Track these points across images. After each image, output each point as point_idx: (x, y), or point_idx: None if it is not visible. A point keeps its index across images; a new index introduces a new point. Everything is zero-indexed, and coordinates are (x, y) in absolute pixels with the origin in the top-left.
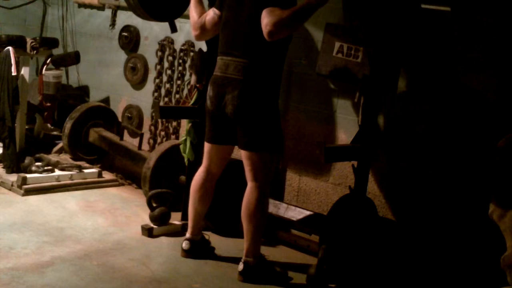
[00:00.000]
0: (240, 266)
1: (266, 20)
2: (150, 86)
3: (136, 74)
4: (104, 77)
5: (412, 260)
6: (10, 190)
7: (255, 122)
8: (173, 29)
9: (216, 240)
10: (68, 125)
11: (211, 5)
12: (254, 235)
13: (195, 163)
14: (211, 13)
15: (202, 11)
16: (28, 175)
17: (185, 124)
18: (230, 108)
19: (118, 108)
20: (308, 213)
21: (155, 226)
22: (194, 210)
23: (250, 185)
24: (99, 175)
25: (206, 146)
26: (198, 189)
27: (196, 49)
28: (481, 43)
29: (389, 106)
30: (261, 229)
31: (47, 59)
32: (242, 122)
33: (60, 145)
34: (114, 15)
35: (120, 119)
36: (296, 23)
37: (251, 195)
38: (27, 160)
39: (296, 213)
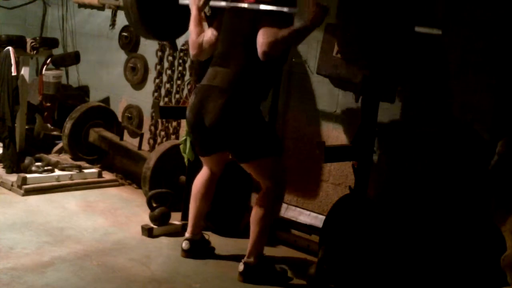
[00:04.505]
0: (241, 266)
1: (261, 39)
2: (150, 86)
3: (136, 74)
4: (104, 77)
5: (411, 260)
6: (10, 190)
7: (237, 134)
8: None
9: (216, 240)
10: (68, 125)
11: (209, 19)
12: (259, 236)
13: (195, 163)
14: (209, 34)
15: (201, 31)
16: (28, 175)
17: (185, 124)
18: (209, 118)
19: (118, 108)
20: (308, 213)
21: (155, 226)
22: (196, 210)
23: (262, 188)
24: (99, 175)
25: (200, 157)
26: (200, 188)
27: None
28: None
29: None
30: (267, 232)
31: (47, 59)
32: (221, 135)
33: (60, 145)
34: (114, 15)
35: (120, 119)
36: (290, 44)
37: (262, 198)
38: (27, 160)
39: (296, 213)
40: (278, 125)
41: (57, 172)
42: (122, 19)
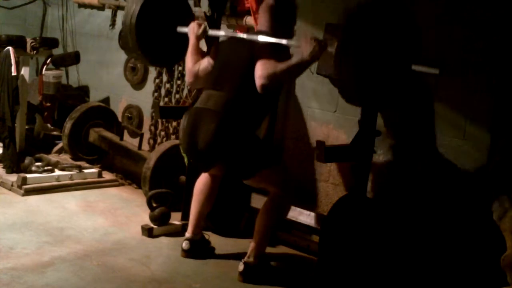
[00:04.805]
0: (241, 266)
1: (259, 72)
2: (150, 86)
3: (136, 74)
4: (104, 77)
5: (411, 260)
6: (10, 190)
7: (231, 156)
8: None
9: (216, 240)
10: (68, 125)
11: (207, 43)
12: (262, 238)
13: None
14: (205, 62)
15: (197, 59)
16: (28, 175)
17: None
18: (201, 142)
19: (118, 108)
20: (308, 213)
21: (155, 226)
22: (197, 210)
23: (270, 193)
24: (99, 175)
25: None
26: (203, 189)
27: None
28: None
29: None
30: (270, 235)
31: (47, 59)
32: (215, 157)
33: (60, 145)
34: (114, 15)
35: (120, 119)
36: (289, 78)
37: (269, 203)
38: (27, 160)
39: (296, 213)
40: (278, 125)
41: (57, 172)
42: (122, 19)
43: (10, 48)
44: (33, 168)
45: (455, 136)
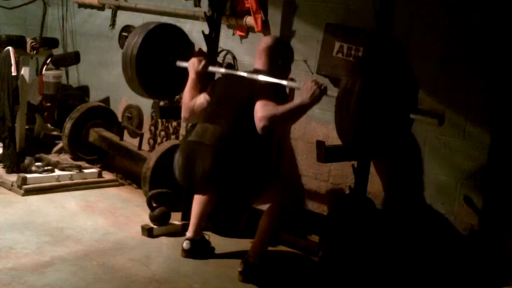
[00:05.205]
0: (241, 266)
1: (260, 114)
2: None
3: None
4: (104, 77)
5: (411, 260)
6: (10, 190)
7: (229, 190)
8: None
9: (216, 240)
10: (68, 125)
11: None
12: (264, 239)
13: None
14: (202, 99)
15: (195, 95)
16: (28, 175)
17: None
18: (198, 179)
19: (118, 108)
20: (308, 213)
21: (155, 226)
22: (199, 211)
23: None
24: (99, 175)
25: None
26: None
27: (196, 49)
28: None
29: None
30: (272, 235)
31: (47, 59)
32: (215, 191)
33: (60, 145)
34: (114, 15)
35: (120, 119)
36: (289, 121)
37: (274, 208)
38: (27, 160)
39: (294, 214)
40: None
41: (57, 172)
42: (122, 19)
43: (10, 48)
44: (33, 168)
45: (455, 136)
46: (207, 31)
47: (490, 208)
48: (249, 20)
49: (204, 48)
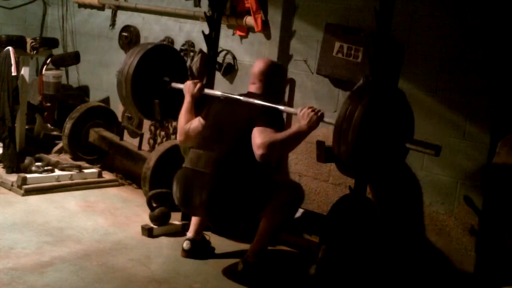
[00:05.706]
0: (240, 266)
1: (258, 141)
2: None
3: None
4: (104, 77)
5: (410, 260)
6: (10, 190)
7: (230, 216)
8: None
9: (216, 240)
10: (68, 125)
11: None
12: (264, 240)
13: None
14: (197, 122)
15: (190, 118)
16: (28, 175)
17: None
18: (197, 210)
19: (118, 108)
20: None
21: (155, 226)
22: None
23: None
24: (99, 175)
25: None
26: None
27: (196, 49)
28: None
29: None
30: (273, 236)
31: (47, 59)
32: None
33: (60, 145)
34: (114, 15)
35: (120, 119)
36: (288, 147)
37: (276, 209)
38: (27, 160)
39: (296, 213)
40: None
41: (57, 172)
42: (122, 19)
43: (10, 48)
44: (33, 168)
45: (455, 136)
46: (207, 31)
47: (490, 208)
48: (249, 20)
49: (204, 48)
